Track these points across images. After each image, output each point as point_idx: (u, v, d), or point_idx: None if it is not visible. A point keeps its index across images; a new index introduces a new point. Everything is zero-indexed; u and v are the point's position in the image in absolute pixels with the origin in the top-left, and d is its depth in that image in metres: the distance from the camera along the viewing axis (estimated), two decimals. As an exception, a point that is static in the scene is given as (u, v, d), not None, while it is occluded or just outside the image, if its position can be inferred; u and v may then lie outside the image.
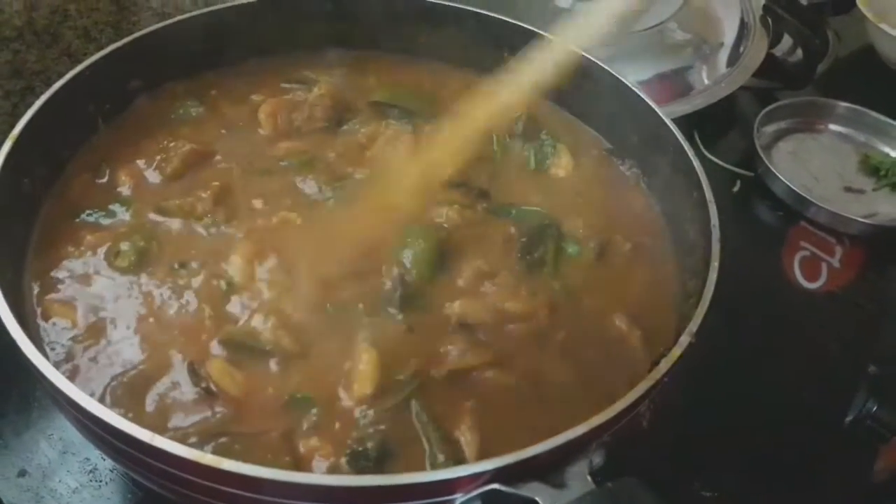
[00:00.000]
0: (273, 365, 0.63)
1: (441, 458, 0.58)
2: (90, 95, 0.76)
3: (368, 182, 0.77)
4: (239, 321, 0.65)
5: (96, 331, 0.64)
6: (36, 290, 0.66)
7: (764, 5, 1.12)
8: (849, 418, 0.81)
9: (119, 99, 0.81)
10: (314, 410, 0.60)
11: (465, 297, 0.68)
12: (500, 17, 0.88)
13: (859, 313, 0.93)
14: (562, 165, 0.83)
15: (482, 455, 0.58)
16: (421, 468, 0.57)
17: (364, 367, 0.62)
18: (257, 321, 0.64)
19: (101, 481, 0.70)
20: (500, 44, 0.89)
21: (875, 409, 0.81)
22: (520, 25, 0.87)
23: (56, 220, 0.71)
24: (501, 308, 0.68)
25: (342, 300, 0.67)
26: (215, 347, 0.63)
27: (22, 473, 0.70)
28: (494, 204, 0.78)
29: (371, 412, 0.60)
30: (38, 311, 0.64)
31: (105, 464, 0.71)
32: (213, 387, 0.60)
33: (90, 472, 0.71)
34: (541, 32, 0.86)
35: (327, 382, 0.62)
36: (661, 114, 0.77)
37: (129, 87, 0.82)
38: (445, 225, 0.74)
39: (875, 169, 1.07)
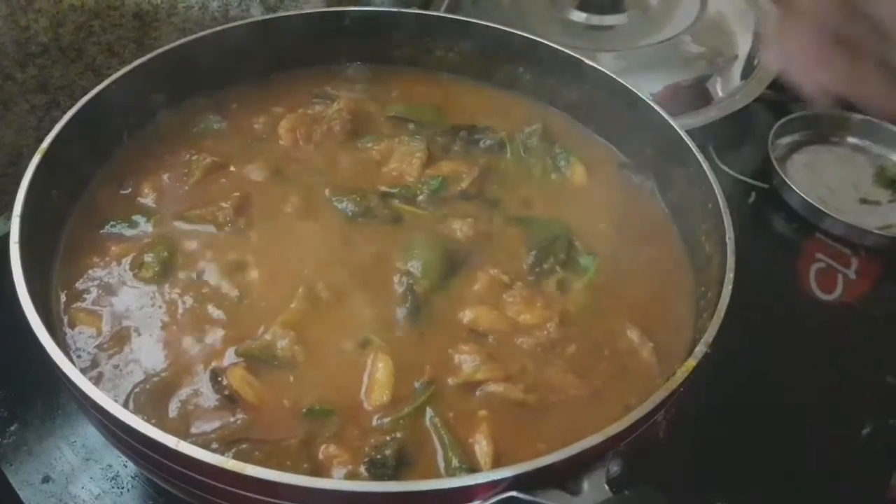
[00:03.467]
0: (290, 374, 0.63)
1: (456, 465, 0.58)
2: (115, 109, 0.78)
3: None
4: (257, 331, 0.66)
5: (120, 339, 0.65)
6: (63, 299, 0.67)
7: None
8: (866, 430, 0.81)
9: (143, 113, 0.82)
10: (332, 419, 0.61)
11: (476, 307, 0.69)
12: (514, 31, 0.89)
13: (876, 325, 0.92)
14: (575, 177, 0.83)
15: (496, 463, 0.58)
16: (437, 475, 0.58)
17: (380, 375, 0.63)
18: (273, 332, 0.65)
19: (122, 488, 0.71)
20: (516, 57, 0.90)
21: (893, 421, 0.81)
22: (534, 39, 0.88)
23: (81, 231, 0.73)
24: (513, 319, 0.68)
25: (356, 308, 0.68)
26: (234, 357, 0.64)
27: (46, 479, 0.72)
28: (507, 215, 0.78)
29: (387, 420, 0.61)
30: (65, 319, 0.66)
31: (127, 470, 0.72)
32: (234, 394, 0.61)
33: (112, 478, 0.72)
34: (555, 46, 0.87)
35: (344, 391, 0.63)
36: (675, 126, 0.77)
37: (153, 101, 0.83)
38: (458, 236, 0.75)
39: (891, 181, 1.06)
